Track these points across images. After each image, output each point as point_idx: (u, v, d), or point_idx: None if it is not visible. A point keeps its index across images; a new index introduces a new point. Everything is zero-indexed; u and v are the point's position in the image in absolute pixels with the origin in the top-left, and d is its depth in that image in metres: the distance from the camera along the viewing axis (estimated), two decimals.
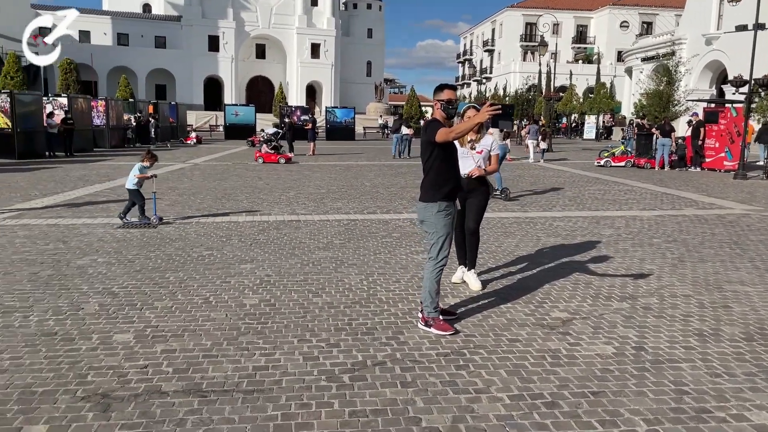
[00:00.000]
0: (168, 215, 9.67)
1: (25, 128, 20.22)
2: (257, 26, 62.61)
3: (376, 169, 18.84)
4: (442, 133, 4.46)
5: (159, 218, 9.10)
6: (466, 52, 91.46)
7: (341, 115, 39.91)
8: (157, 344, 4.29)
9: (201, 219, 9.46)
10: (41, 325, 4.63)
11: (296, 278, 6.11)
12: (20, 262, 6.52)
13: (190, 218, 9.47)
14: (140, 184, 9.08)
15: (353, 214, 10.17)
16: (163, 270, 6.32)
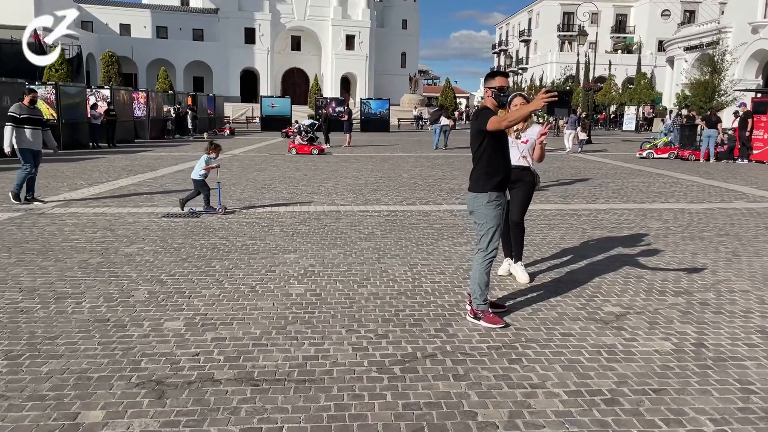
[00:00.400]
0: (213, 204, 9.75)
1: (69, 119, 20.71)
2: (293, 18, 62.82)
3: (412, 161, 18.73)
4: (493, 122, 4.35)
5: (224, 207, 9.23)
6: (502, 43, 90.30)
7: (376, 106, 39.85)
8: (207, 332, 4.31)
9: (242, 209, 9.52)
10: (94, 311, 4.70)
11: (340, 268, 6.08)
12: (70, 250, 6.64)
13: (231, 208, 9.53)
14: (206, 175, 9.20)
15: (392, 206, 10.11)
16: (209, 259, 6.37)
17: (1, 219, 8.30)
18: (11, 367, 3.66)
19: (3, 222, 8.10)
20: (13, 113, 9.46)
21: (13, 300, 4.91)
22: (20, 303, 4.84)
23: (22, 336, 4.15)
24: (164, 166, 15.65)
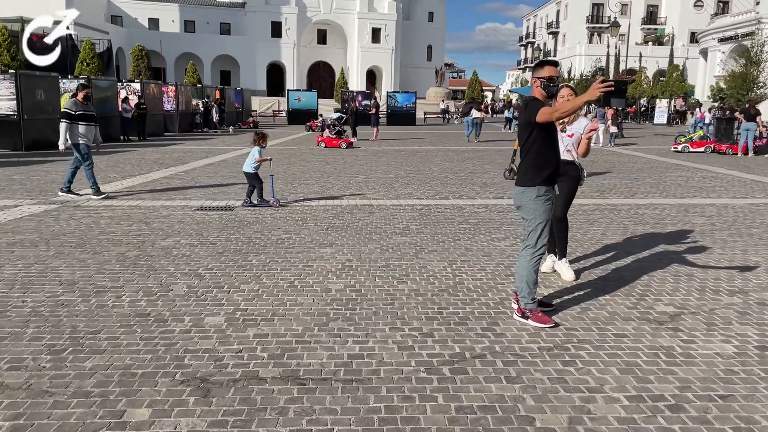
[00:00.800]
0: (242, 199, 9.73)
1: (101, 113, 20.76)
2: (319, 12, 62.79)
3: (441, 154, 18.54)
4: (544, 113, 4.18)
5: (277, 200, 9.27)
6: (529, 35, 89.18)
7: (402, 99, 39.63)
8: (248, 328, 4.23)
9: (292, 202, 9.45)
10: (134, 305, 4.65)
11: (378, 264, 5.97)
12: (107, 243, 6.64)
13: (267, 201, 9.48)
14: (258, 167, 9.20)
15: (425, 200, 9.96)
16: (245, 253, 6.31)
17: (38, 211, 8.36)
18: (55, 362, 3.62)
19: (40, 214, 8.16)
20: (68, 110, 9.46)
21: (53, 293, 4.89)
22: (61, 296, 4.82)
23: (65, 330, 4.12)
24: (194, 160, 15.70)
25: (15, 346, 3.83)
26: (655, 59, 61.40)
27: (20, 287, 5.01)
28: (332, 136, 20.73)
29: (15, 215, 8.04)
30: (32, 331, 4.09)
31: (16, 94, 16.91)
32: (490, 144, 22.86)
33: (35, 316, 4.38)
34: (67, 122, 9.43)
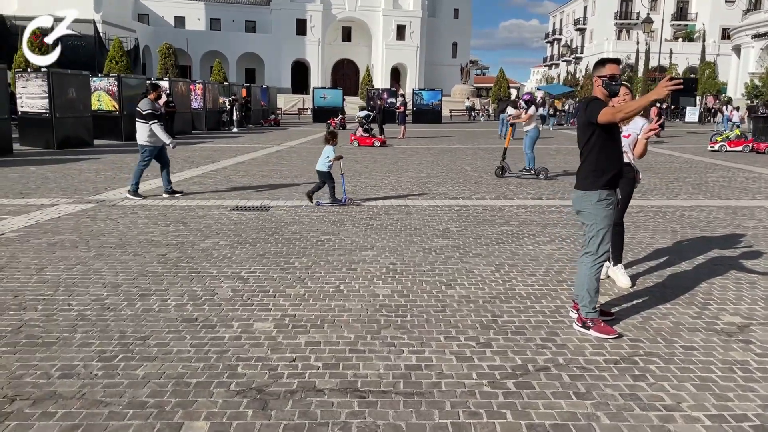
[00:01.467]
0: (277, 198, 9.66)
1: (131, 111, 21.00)
2: (344, 9, 62.69)
3: (471, 153, 18.31)
4: (606, 113, 3.98)
5: (350, 199, 9.41)
6: (555, 32, 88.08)
7: (428, 97, 39.34)
8: (299, 335, 4.11)
9: (309, 202, 9.34)
10: (180, 310, 4.56)
11: (422, 267, 5.81)
12: (147, 243, 6.58)
13: (300, 201, 9.38)
14: (331, 166, 9.18)
15: (461, 200, 9.78)
16: (287, 255, 6.19)
17: (75, 211, 8.35)
18: (107, 370, 3.53)
19: (77, 214, 8.15)
20: (152, 110, 9.41)
21: (98, 296, 4.82)
22: (106, 300, 4.75)
23: (113, 335, 4.04)
24: (225, 158, 15.69)
25: (65, 353, 3.75)
26: (685, 56, 60.29)
27: (65, 290, 4.96)
28: (365, 134, 20.65)
29: (53, 214, 8.04)
30: (80, 336, 4.02)
31: (48, 92, 17.06)
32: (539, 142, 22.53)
33: (82, 320, 4.31)
34: (158, 122, 9.48)
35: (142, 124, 9.39)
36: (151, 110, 9.40)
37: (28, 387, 3.30)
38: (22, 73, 17.87)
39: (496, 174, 12.66)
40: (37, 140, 17.39)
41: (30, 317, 4.33)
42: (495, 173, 12.79)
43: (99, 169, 12.81)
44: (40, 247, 6.28)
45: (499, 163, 12.78)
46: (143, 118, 9.37)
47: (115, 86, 20.46)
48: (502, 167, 12.65)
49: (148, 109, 9.37)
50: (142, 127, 9.41)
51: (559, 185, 11.57)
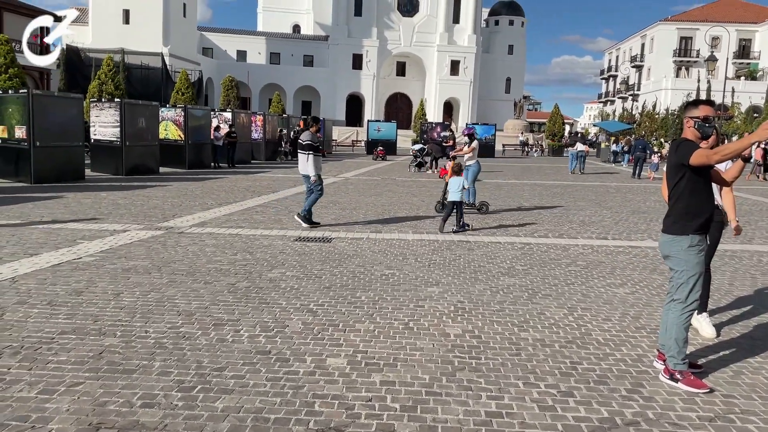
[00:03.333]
0: (338, 230, 9.72)
1: (195, 140, 21.78)
2: (399, 44, 63.86)
3: (528, 189, 18.07)
4: (700, 156, 3.84)
5: (470, 226, 10.34)
6: (611, 68, 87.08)
7: (481, 131, 39.19)
8: (373, 373, 4.04)
9: (371, 235, 9.37)
10: (253, 341, 4.57)
11: (491, 307, 5.68)
12: (216, 272, 6.68)
13: (360, 233, 9.40)
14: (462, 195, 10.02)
15: (523, 237, 9.60)
16: (353, 288, 6.18)
17: (146, 237, 8.60)
18: (186, 401, 3.54)
19: (148, 240, 8.38)
20: (313, 142, 9.92)
21: (173, 324, 4.89)
22: (181, 328, 4.81)
23: (190, 365, 4.07)
24: (284, 188, 15.96)
25: (145, 381, 3.79)
26: (747, 94, 58.53)
27: (141, 316, 5.06)
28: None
29: (125, 240, 8.29)
30: (159, 364, 4.06)
31: (120, 121, 17.83)
32: (587, 179, 22.18)
33: (159, 348, 4.37)
34: (318, 154, 9.99)
35: (304, 155, 9.86)
36: (311, 141, 9.90)
37: (111, 415, 3.34)
38: (97, 103, 18.76)
39: (436, 209, 11.94)
40: (107, 167, 18.15)
41: (110, 343, 4.42)
42: (435, 209, 12.08)
43: (166, 197, 13.22)
44: (116, 273, 6.46)
45: (441, 199, 11.91)
46: (303, 149, 9.87)
47: (181, 116, 21.23)
48: (443, 202, 11.64)
49: (308, 140, 9.88)
50: (305, 158, 9.87)
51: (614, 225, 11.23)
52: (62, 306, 5.24)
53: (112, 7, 47.19)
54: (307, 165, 9.86)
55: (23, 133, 14.78)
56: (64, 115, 15.60)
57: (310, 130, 10.00)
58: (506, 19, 70.79)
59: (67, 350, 4.24)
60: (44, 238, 8.16)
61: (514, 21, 70.97)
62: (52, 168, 15.27)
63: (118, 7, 47.31)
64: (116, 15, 47.36)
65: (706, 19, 65.70)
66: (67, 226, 9.14)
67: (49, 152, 15.14)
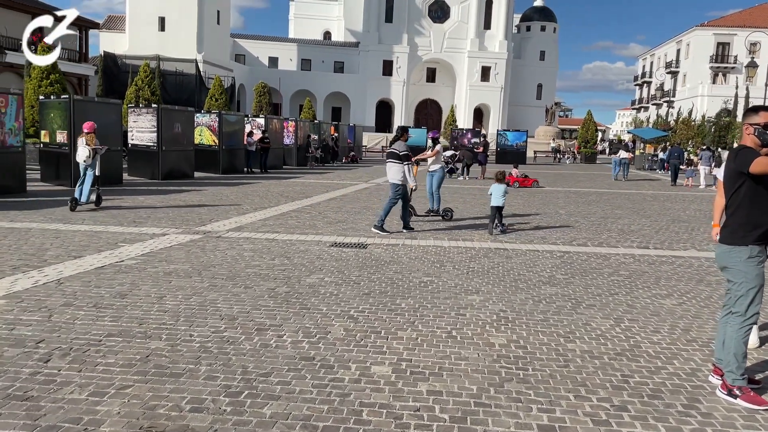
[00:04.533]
0: (373, 236, 9.68)
1: (228, 146, 22.04)
2: (430, 51, 63.85)
3: (563, 196, 17.82)
4: (761, 164, 3.70)
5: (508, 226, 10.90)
6: (645, 74, 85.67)
7: (513, 138, 38.97)
8: (419, 382, 3.98)
9: (406, 241, 9.32)
10: (296, 347, 4.55)
11: (535, 317, 5.58)
12: (255, 277, 6.70)
13: (396, 240, 9.36)
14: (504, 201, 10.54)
15: (562, 245, 9.44)
16: (392, 295, 6.13)
17: (185, 241, 8.68)
18: (235, 407, 3.53)
19: (187, 244, 8.46)
20: (408, 152, 10.18)
21: (217, 328, 4.91)
22: (224, 332, 4.82)
23: (236, 370, 4.06)
24: (317, 194, 16.01)
25: (193, 385, 3.79)
26: None
27: (185, 320, 5.08)
28: (522, 175, 21.15)
29: (165, 244, 8.38)
30: (205, 369, 4.07)
31: (157, 126, 18.12)
32: (622, 186, 21.83)
33: (204, 352, 4.37)
34: (411, 163, 10.23)
35: (396, 164, 10.00)
36: (407, 152, 10.15)
37: (162, 419, 3.34)
38: (134, 108, 19.10)
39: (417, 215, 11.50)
40: (144, 171, 18.45)
41: (156, 346, 4.44)
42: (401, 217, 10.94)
43: (202, 201, 13.37)
44: (158, 276, 6.53)
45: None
46: (399, 159, 10.00)
47: (216, 122, 21.50)
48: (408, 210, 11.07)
49: (404, 150, 10.12)
50: (396, 167, 10.01)
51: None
52: (107, 308, 5.30)
53: (149, 15, 48.17)
54: (401, 174, 10.02)
55: (64, 138, 15.12)
56: (104, 121, 15.84)
57: (402, 140, 10.28)
58: (538, 24, 70.24)
59: (114, 353, 4.28)
60: (87, 241, 8.31)
61: (546, 27, 70.37)
62: None
63: (154, 15, 48.27)
64: (152, 22, 48.31)
65: (744, 25, 64.18)
66: (108, 229, 9.29)
67: None
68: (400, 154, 10.01)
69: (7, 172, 12.63)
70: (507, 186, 11.05)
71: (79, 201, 11.13)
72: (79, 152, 11.36)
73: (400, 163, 9.98)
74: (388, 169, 10.18)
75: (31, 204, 11.86)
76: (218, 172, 21.31)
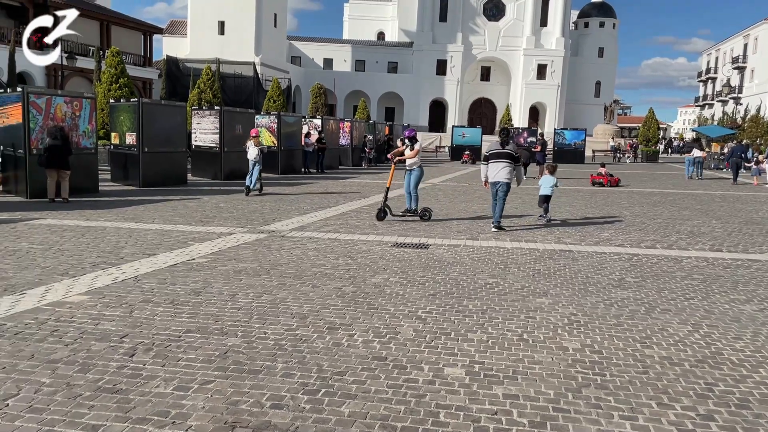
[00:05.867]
0: (433, 236, 9.66)
1: (287, 146, 22.41)
2: (484, 49, 63.23)
3: (626, 196, 17.31)
4: None
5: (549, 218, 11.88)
6: (710, 70, 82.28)
7: (571, 137, 38.12)
8: (494, 386, 3.95)
9: (467, 242, 9.25)
10: (368, 346, 4.59)
11: (608, 321, 5.44)
12: (322, 276, 6.79)
13: (457, 240, 9.31)
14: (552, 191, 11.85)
15: (629, 247, 9.18)
16: (458, 297, 6.09)
17: (251, 240, 8.88)
18: (313, 404, 3.58)
19: (254, 243, 8.65)
20: (519, 154, 11.08)
21: (289, 326, 5.00)
22: (297, 330, 4.91)
23: (311, 368, 4.12)
24: (374, 194, 16.08)
25: (271, 382, 3.88)
26: None
27: (258, 318, 5.20)
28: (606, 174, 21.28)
29: (232, 243, 8.60)
30: (281, 366, 4.15)
31: (219, 128, 18.61)
32: (688, 186, 21.07)
33: (279, 349, 4.46)
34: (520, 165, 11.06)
35: (509, 165, 10.48)
36: (518, 154, 10.93)
37: (244, 414, 3.43)
38: (198, 111, 19.66)
39: (378, 218, 11.08)
40: (206, 172, 18.99)
41: (233, 343, 4.56)
42: (377, 217, 11.12)
43: (264, 201, 13.65)
44: (228, 274, 6.70)
45: (381, 205, 11.20)
46: (514, 160, 10.57)
47: (275, 123, 21.91)
48: (384, 209, 11.11)
49: (517, 152, 10.83)
50: (509, 167, 10.49)
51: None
52: (184, 305, 5.48)
53: (209, 19, 49.58)
54: (512, 174, 10.57)
55: (133, 140, 15.72)
56: (169, 123, 16.47)
57: (514, 142, 11.01)
58: (596, 20, 68.53)
59: (194, 348, 4.42)
60: (158, 240, 8.61)
61: (605, 23, 68.57)
62: (159, 172, 16.13)
63: (214, 19, 49.64)
64: (212, 27, 49.70)
65: None
66: (177, 228, 9.60)
67: (156, 157, 16.01)
68: (516, 155, 10.66)
69: (81, 173, 13.22)
70: (557, 180, 12.12)
71: (251, 188, 14.43)
72: (250, 152, 14.61)
73: (513, 164, 10.53)
74: (499, 169, 10.46)
75: (105, 204, 12.38)
76: (277, 173, 21.69)
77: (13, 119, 12.70)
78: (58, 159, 12.07)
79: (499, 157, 10.54)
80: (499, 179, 10.47)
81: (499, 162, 10.52)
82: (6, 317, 4.96)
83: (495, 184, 10.55)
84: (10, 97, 12.84)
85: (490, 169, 10.59)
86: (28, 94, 12.49)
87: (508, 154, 10.54)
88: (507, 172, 10.45)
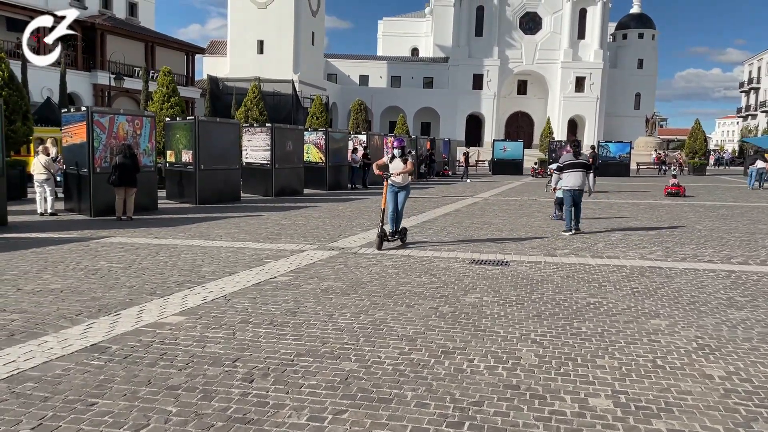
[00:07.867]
0: (508, 252, 9.30)
1: (334, 162, 22.32)
2: (521, 63, 62.75)
3: (687, 209, 16.66)
4: None
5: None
6: (752, 80, 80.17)
7: (615, 149, 37.31)
8: (652, 419, 3.58)
9: (546, 258, 8.86)
10: (493, 373, 4.25)
11: (740, 345, 5.01)
12: (412, 295, 6.49)
13: (534, 257, 8.92)
14: None
15: (720, 263, 8.67)
16: (565, 318, 5.72)
17: (325, 257, 8.64)
18: None
19: (329, 260, 8.41)
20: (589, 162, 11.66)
21: (401, 350, 4.70)
22: (410, 354, 4.60)
23: (444, 397, 3.81)
24: (429, 209, 15.77)
25: (407, 413, 3.58)
26: None
27: (365, 340, 4.92)
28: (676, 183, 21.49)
29: (307, 260, 8.37)
30: (411, 395, 3.84)
31: (270, 145, 18.59)
32: (750, 198, 20.25)
33: (400, 375, 4.17)
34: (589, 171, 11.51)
35: (584, 173, 11.22)
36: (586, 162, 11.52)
37: None
38: (249, 128, 19.69)
39: (378, 247, 9.28)
40: (257, 189, 18.96)
41: (350, 368, 4.27)
42: (377, 246, 9.29)
43: (322, 217, 13.46)
44: (316, 293, 6.45)
45: (379, 230, 9.49)
46: (586, 169, 11.31)
47: (323, 139, 21.84)
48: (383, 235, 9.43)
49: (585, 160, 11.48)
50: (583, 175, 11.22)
51: None
52: (284, 326, 5.23)
53: (248, 39, 50.30)
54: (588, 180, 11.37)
55: (189, 157, 15.75)
56: (224, 140, 16.48)
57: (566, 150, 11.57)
58: (635, 32, 67.49)
59: (311, 373, 4.15)
60: (233, 257, 8.43)
61: (644, 34, 67.49)
62: (214, 190, 16.12)
63: (254, 38, 50.34)
64: (251, 46, 50.40)
65: None
66: (248, 246, 9.43)
67: (211, 175, 16.01)
68: (589, 164, 11.41)
69: (142, 191, 13.23)
70: None
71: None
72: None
73: (587, 172, 11.31)
74: (578, 177, 11.17)
75: (167, 221, 12.33)
76: (325, 189, 21.59)
77: (77, 138, 12.80)
78: (128, 177, 12.10)
79: (575, 167, 11.25)
80: (579, 186, 11.17)
81: (577, 171, 11.21)
82: (109, 339, 4.77)
83: (573, 191, 11.16)
84: (75, 117, 12.95)
85: (569, 178, 11.19)
86: (92, 113, 12.57)
87: (583, 164, 11.33)
88: (584, 180, 11.25)
